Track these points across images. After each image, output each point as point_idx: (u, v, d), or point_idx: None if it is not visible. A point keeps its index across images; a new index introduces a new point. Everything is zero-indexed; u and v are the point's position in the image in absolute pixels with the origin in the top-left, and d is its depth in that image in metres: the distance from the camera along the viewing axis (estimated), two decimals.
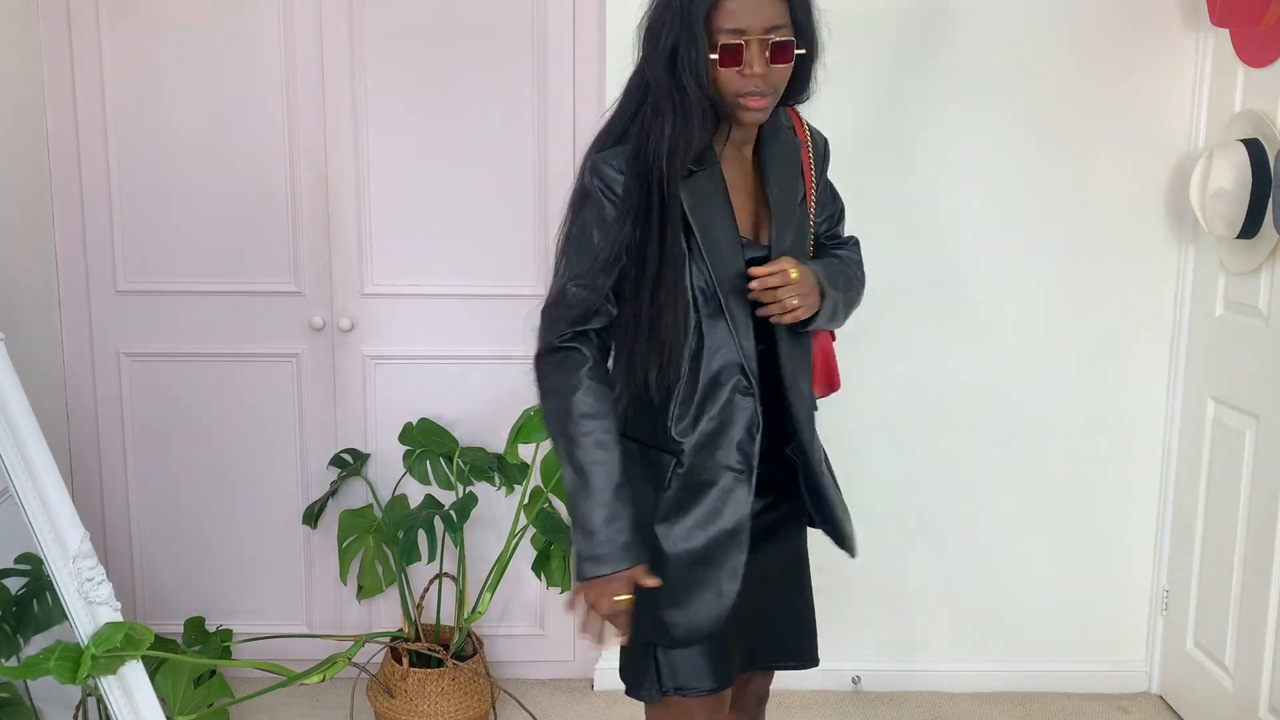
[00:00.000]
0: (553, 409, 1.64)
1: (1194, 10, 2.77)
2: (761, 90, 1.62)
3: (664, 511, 1.68)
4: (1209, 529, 2.78)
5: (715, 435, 1.68)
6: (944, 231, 2.88)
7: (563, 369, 1.63)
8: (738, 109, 1.63)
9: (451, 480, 2.80)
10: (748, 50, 1.59)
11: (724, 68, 1.60)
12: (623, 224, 1.62)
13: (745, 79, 1.60)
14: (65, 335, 2.95)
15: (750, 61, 1.59)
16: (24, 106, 2.78)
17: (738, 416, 1.68)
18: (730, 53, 1.59)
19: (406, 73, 2.85)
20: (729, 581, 1.69)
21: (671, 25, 1.60)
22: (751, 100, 1.62)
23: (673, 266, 1.62)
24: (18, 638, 2.28)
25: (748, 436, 1.68)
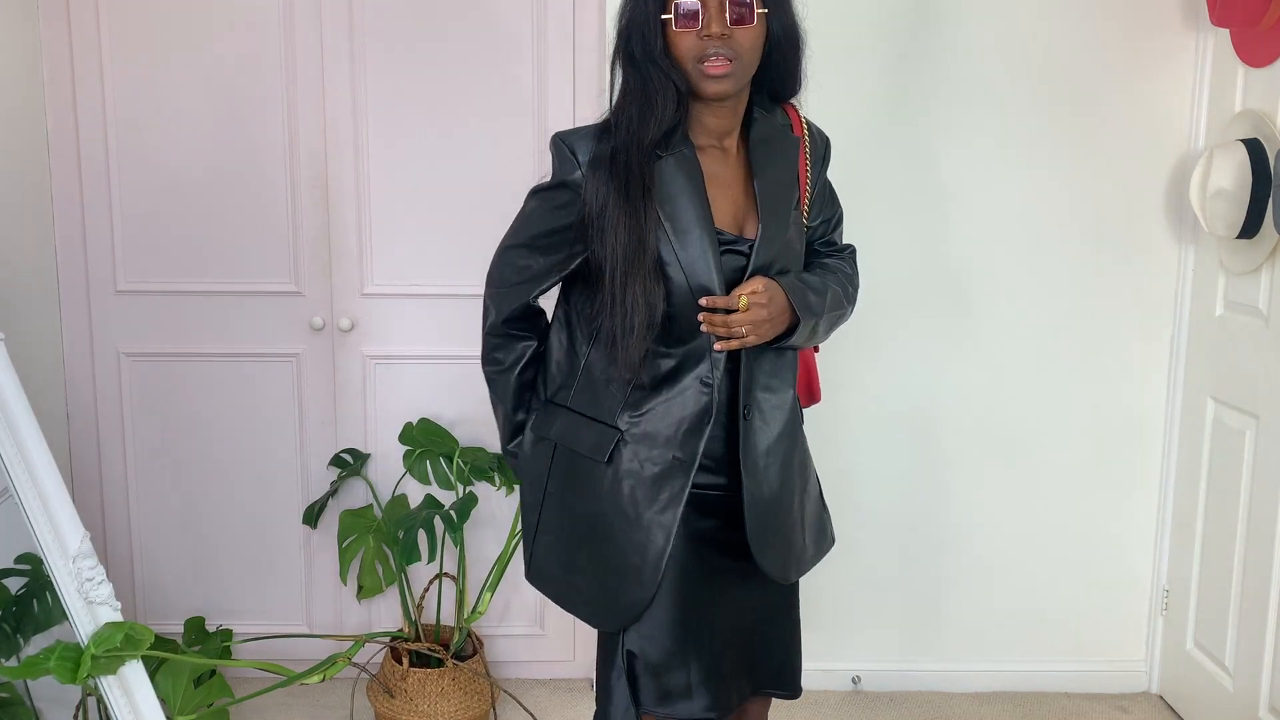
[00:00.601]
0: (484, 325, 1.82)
1: (1194, 10, 2.77)
2: (723, 53, 1.54)
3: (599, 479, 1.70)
4: (1209, 529, 2.78)
5: (663, 418, 1.67)
6: (944, 231, 2.88)
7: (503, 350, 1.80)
8: (699, 79, 1.57)
9: (451, 480, 2.80)
10: (705, 10, 1.53)
11: (679, 29, 1.53)
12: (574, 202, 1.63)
13: (703, 41, 1.54)
14: (65, 335, 2.95)
15: (708, 22, 1.53)
16: (24, 106, 2.77)
17: (691, 405, 1.66)
18: (685, 13, 1.52)
19: (407, 72, 2.85)
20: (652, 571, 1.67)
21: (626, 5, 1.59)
22: (712, 65, 1.55)
23: (638, 246, 1.59)
24: (18, 638, 2.28)
25: (696, 427, 1.66)
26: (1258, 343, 2.56)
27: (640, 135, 1.57)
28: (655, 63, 1.56)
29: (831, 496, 2.96)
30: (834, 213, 1.89)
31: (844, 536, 2.98)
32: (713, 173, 1.66)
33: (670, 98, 1.57)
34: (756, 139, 1.71)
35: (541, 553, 1.80)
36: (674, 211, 1.61)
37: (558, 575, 1.78)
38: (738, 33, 1.55)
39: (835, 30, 2.81)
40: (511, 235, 1.74)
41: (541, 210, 1.69)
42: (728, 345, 1.65)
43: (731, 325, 1.63)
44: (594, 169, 1.60)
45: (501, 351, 1.80)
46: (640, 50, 1.56)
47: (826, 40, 2.81)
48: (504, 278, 1.75)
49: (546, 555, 1.79)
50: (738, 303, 1.62)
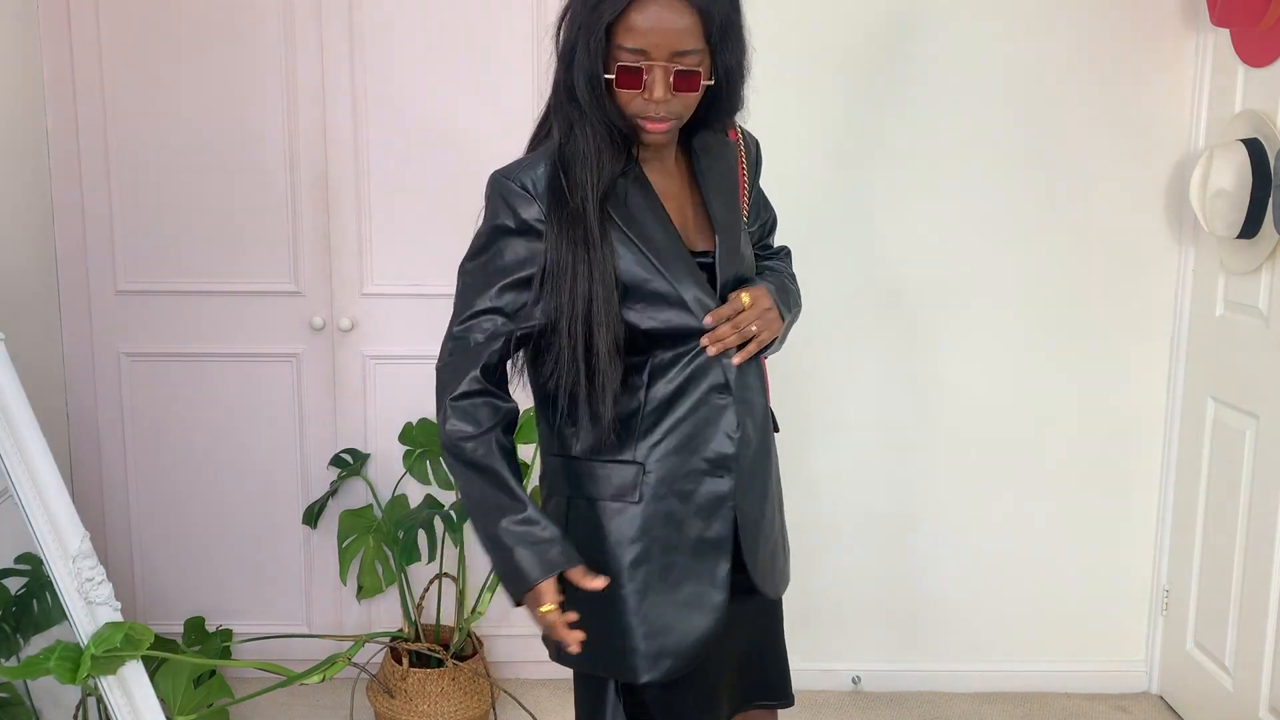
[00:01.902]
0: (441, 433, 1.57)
1: (1194, 10, 2.77)
2: (662, 116, 1.50)
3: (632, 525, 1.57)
4: (1209, 529, 2.78)
5: (692, 440, 1.58)
6: (944, 231, 2.88)
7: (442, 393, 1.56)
8: (638, 129, 1.52)
9: (451, 480, 2.79)
10: (649, 74, 1.46)
11: (621, 89, 1.49)
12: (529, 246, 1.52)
13: (645, 103, 1.49)
14: (65, 335, 2.95)
15: (651, 86, 1.47)
16: (24, 106, 2.78)
17: (714, 418, 1.59)
18: (629, 74, 1.47)
19: (406, 72, 2.85)
20: (717, 593, 1.59)
21: (572, 35, 1.51)
22: (650, 124, 1.51)
23: (604, 297, 1.50)
24: (18, 638, 2.28)
25: (726, 439, 1.59)
26: (1258, 343, 2.56)
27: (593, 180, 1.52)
28: (601, 109, 1.51)
29: (832, 498, 2.98)
30: (769, 216, 1.87)
31: (844, 537, 2.99)
32: (659, 186, 1.61)
33: (618, 142, 1.53)
34: (697, 148, 1.66)
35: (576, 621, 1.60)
36: (644, 232, 1.55)
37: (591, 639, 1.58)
38: (680, 97, 1.50)
39: (836, 29, 2.81)
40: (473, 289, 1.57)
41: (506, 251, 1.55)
42: (746, 353, 1.60)
43: (742, 326, 1.58)
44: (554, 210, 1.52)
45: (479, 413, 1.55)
46: (586, 95, 1.51)
47: (829, 39, 2.82)
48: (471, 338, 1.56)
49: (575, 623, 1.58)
50: (742, 303, 1.58)
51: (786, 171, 2.87)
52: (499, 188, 1.56)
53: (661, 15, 1.45)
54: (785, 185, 2.87)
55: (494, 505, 1.54)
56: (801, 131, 2.84)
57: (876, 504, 2.98)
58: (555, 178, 1.53)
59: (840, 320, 2.91)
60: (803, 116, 2.83)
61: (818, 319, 2.91)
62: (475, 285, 1.57)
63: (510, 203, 1.54)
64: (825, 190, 2.87)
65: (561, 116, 1.55)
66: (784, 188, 2.87)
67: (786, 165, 2.87)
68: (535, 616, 1.56)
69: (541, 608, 1.53)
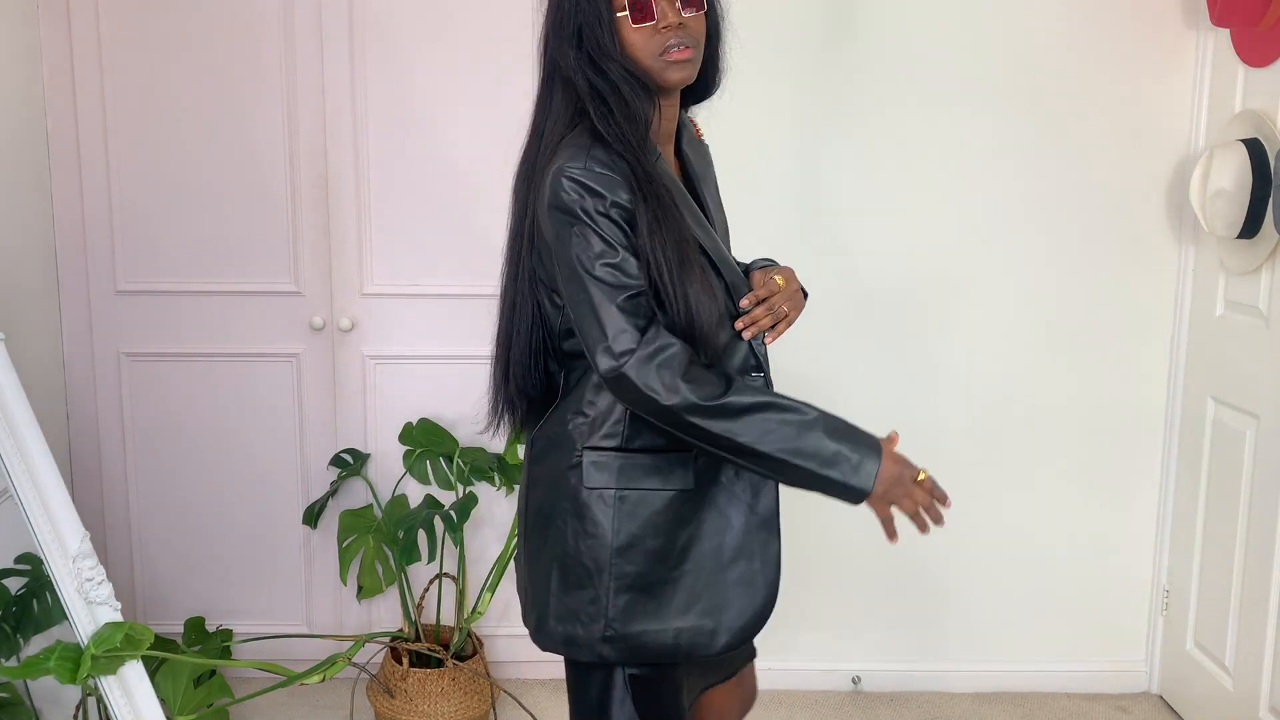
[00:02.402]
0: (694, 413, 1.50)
1: (1194, 10, 2.77)
2: (683, 41, 1.54)
3: (691, 511, 1.61)
4: (1209, 529, 2.78)
5: None
6: (944, 231, 2.88)
7: (664, 377, 1.50)
8: (666, 70, 1.55)
9: (451, 480, 2.80)
10: (658, 3, 1.53)
11: (636, 25, 1.53)
12: (630, 226, 1.52)
13: (661, 34, 1.54)
14: (65, 335, 2.95)
15: (663, 13, 1.53)
16: (24, 106, 2.78)
17: None
18: (639, 8, 1.53)
19: (406, 72, 2.85)
20: (771, 571, 1.64)
21: (570, 10, 1.56)
22: (674, 54, 1.54)
23: (687, 244, 1.54)
24: (18, 638, 2.28)
25: None
26: (1258, 343, 2.56)
27: (636, 137, 1.55)
28: (617, 61, 1.55)
29: (830, 497, 2.97)
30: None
31: (844, 537, 2.98)
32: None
33: (642, 94, 1.56)
34: (685, 145, 1.72)
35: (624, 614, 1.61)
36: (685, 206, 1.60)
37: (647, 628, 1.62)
38: (690, 20, 1.56)
39: (839, 29, 2.81)
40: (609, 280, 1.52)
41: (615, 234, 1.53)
42: (777, 333, 1.64)
43: (775, 307, 1.62)
44: (633, 178, 1.54)
45: (703, 374, 1.51)
46: (597, 50, 1.54)
47: (825, 40, 2.82)
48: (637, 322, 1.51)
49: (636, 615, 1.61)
50: (776, 284, 1.63)
51: (785, 168, 2.87)
52: (577, 179, 1.52)
53: None
54: (783, 185, 2.88)
55: (797, 424, 1.51)
56: (800, 130, 2.84)
57: None
58: (612, 151, 1.54)
59: (839, 320, 2.91)
60: (800, 115, 2.83)
61: (818, 317, 2.91)
62: (610, 276, 1.52)
63: (595, 188, 1.52)
64: (824, 190, 2.87)
65: (590, 92, 1.56)
66: (782, 188, 2.88)
67: (785, 163, 2.87)
68: (908, 496, 1.55)
69: (919, 475, 1.56)
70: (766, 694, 3.01)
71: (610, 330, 1.50)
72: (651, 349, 1.49)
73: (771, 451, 1.50)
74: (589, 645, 1.62)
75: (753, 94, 2.82)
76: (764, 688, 3.03)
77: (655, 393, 1.48)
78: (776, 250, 2.87)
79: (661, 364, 1.49)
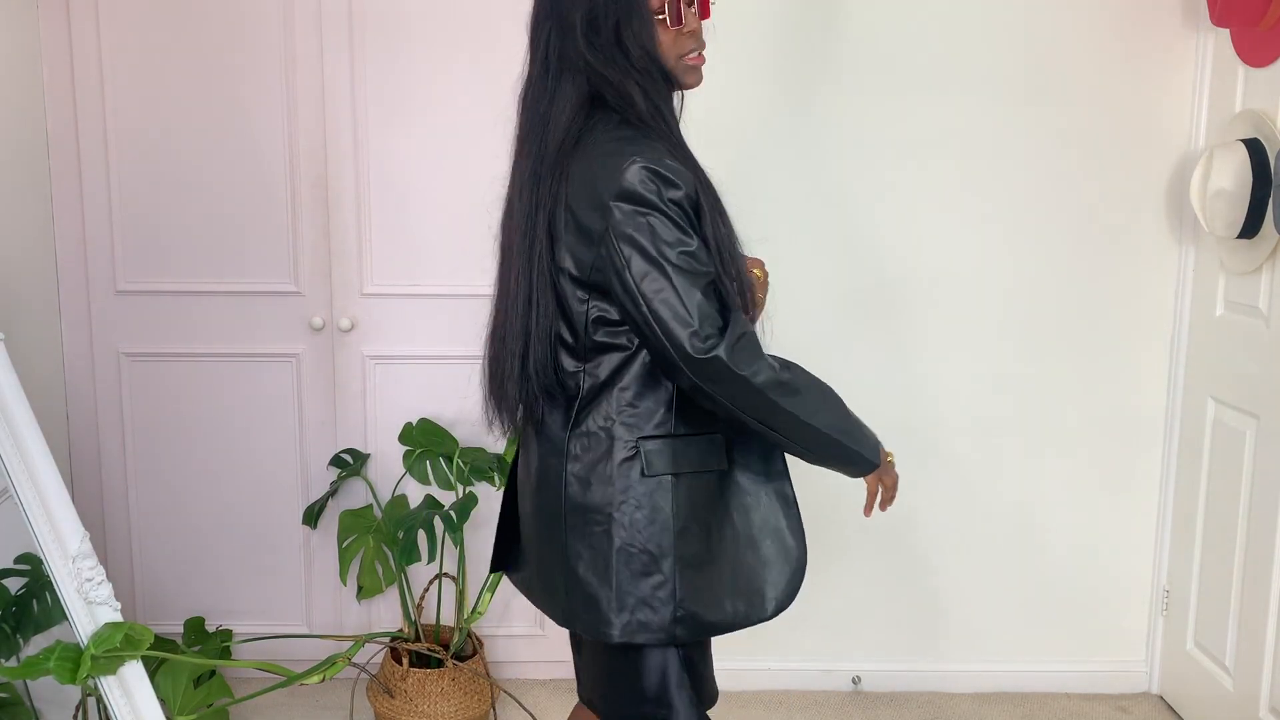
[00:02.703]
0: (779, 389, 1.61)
1: (1194, 10, 2.77)
2: (700, 46, 1.66)
3: (727, 489, 1.69)
4: (1209, 529, 2.78)
5: None
6: (943, 232, 2.88)
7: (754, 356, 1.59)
8: (685, 73, 1.66)
9: (451, 480, 2.80)
10: (685, 11, 1.62)
11: (672, 26, 1.62)
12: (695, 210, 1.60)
13: (685, 38, 1.63)
14: (65, 335, 2.95)
15: (689, 20, 1.63)
16: (24, 106, 2.78)
17: None
18: (674, 11, 1.61)
19: (407, 71, 2.85)
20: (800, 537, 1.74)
21: (607, 8, 1.60)
22: (693, 59, 1.66)
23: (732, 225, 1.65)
24: (18, 638, 2.28)
25: None
26: (1258, 343, 2.56)
27: (678, 129, 1.65)
28: (657, 59, 1.62)
29: (831, 497, 2.97)
30: None
31: (844, 538, 2.99)
32: None
33: (668, 91, 1.66)
34: None
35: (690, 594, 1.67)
36: None
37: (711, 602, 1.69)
38: (701, 26, 1.67)
39: (841, 27, 2.81)
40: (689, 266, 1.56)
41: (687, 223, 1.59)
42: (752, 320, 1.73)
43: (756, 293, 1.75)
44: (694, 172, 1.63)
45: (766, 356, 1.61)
46: (638, 48, 1.60)
47: (822, 39, 2.82)
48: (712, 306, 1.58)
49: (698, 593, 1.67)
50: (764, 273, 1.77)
51: (785, 166, 2.87)
52: (659, 171, 1.56)
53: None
54: (784, 184, 2.88)
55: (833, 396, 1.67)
56: (799, 132, 2.84)
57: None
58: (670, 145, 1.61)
59: (839, 320, 2.91)
60: (797, 114, 2.83)
61: (819, 317, 2.92)
62: (689, 264, 1.56)
63: (674, 179, 1.56)
64: (822, 190, 2.87)
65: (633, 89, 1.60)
66: (783, 187, 2.88)
67: (784, 163, 2.87)
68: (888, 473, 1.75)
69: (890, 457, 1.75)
70: (767, 694, 3.02)
71: (697, 316, 1.55)
72: (737, 332, 1.57)
73: (821, 426, 1.63)
74: (662, 629, 1.66)
75: (745, 87, 2.83)
76: (764, 688, 3.04)
77: (745, 372, 1.56)
78: (777, 251, 2.88)
79: (745, 345, 1.57)
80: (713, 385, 1.57)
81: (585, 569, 1.67)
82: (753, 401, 1.58)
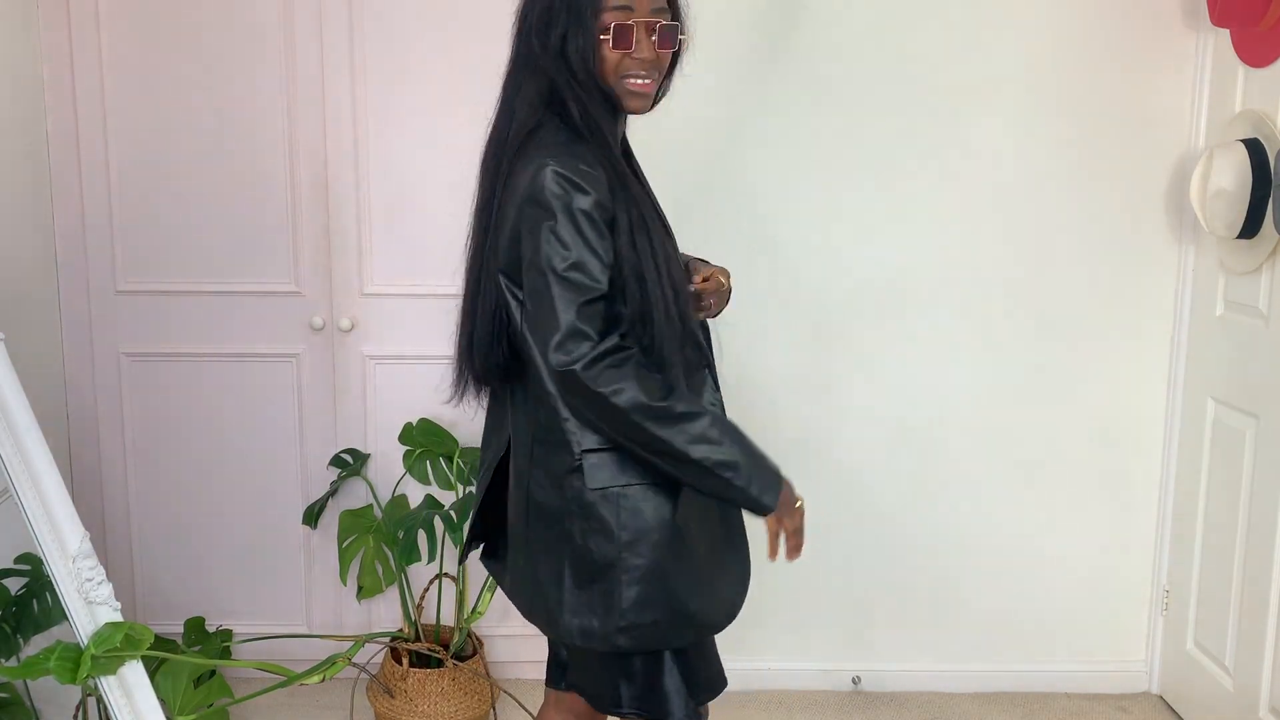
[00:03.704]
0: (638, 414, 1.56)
1: (1194, 10, 2.77)
2: (647, 74, 1.63)
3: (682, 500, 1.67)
4: (1209, 529, 2.78)
5: None
6: (942, 231, 2.88)
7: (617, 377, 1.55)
8: (624, 95, 1.64)
9: (451, 480, 2.80)
10: (636, 31, 1.60)
11: (614, 49, 1.60)
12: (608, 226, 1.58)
13: (631, 61, 1.61)
14: (65, 335, 2.95)
15: (639, 44, 1.60)
16: (24, 106, 2.77)
17: (702, 389, 1.74)
18: (621, 34, 1.59)
19: (407, 71, 2.85)
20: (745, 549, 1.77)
21: (558, 13, 1.61)
22: (636, 83, 1.63)
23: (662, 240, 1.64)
24: (18, 638, 2.27)
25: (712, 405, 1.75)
26: (1258, 343, 2.56)
27: (613, 145, 1.64)
28: (594, 76, 1.62)
29: (831, 497, 2.97)
30: None
31: (844, 538, 2.99)
32: None
33: (605, 107, 1.64)
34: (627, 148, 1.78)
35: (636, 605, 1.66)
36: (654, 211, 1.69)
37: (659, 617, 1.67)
38: (661, 56, 1.64)
39: (846, 23, 2.81)
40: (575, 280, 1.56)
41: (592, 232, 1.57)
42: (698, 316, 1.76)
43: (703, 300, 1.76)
44: (612, 182, 1.60)
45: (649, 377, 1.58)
46: (579, 63, 1.61)
47: (817, 38, 2.82)
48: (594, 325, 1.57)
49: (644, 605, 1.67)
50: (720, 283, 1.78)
51: (787, 168, 2.87)
52: (565, 174, 1.56)
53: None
54: (785, 185, 2.88)
55: (722, 431, 1.60)
56: (798, 135, 2.84)
57: (876, 505, 2.97)
58: (593, 151, 1.60)
59: (840, 321, 2.91)
60: (794, 123, 2.83)
61: (822, 319, 2.91)
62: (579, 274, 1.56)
63: (582, 184, 1.56)
64: (821, 191, 2.87)
65: (572, 96, 1.62)
66: (783, 188, 2.88)
67: (786, 165, 2.87)
68: (790, 517, 1.66)
69: (798, 502, 1.67)
70: (767, 694, 3.02)
71: (564, 328, 1.55)
72: (602, 349, 1.55)
73: (699, 457, 1.57)
74: (605, 637, 1.67)
75: (734, 89, 2.83)
76: (764, 688, 3.04)
77: (604, 390, 1.54)
78: (779, 250, 2.88)
79: (611, 364, 1.55)
80: (573, 399, 1.59)
81: (544, 568, 1.71)
82: (615, 421, 1.56)
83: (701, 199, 2.83)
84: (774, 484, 1.62)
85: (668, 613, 1.67)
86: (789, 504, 1.65)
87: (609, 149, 1.61)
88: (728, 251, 2.37)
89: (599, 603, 1.66)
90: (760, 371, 2.90)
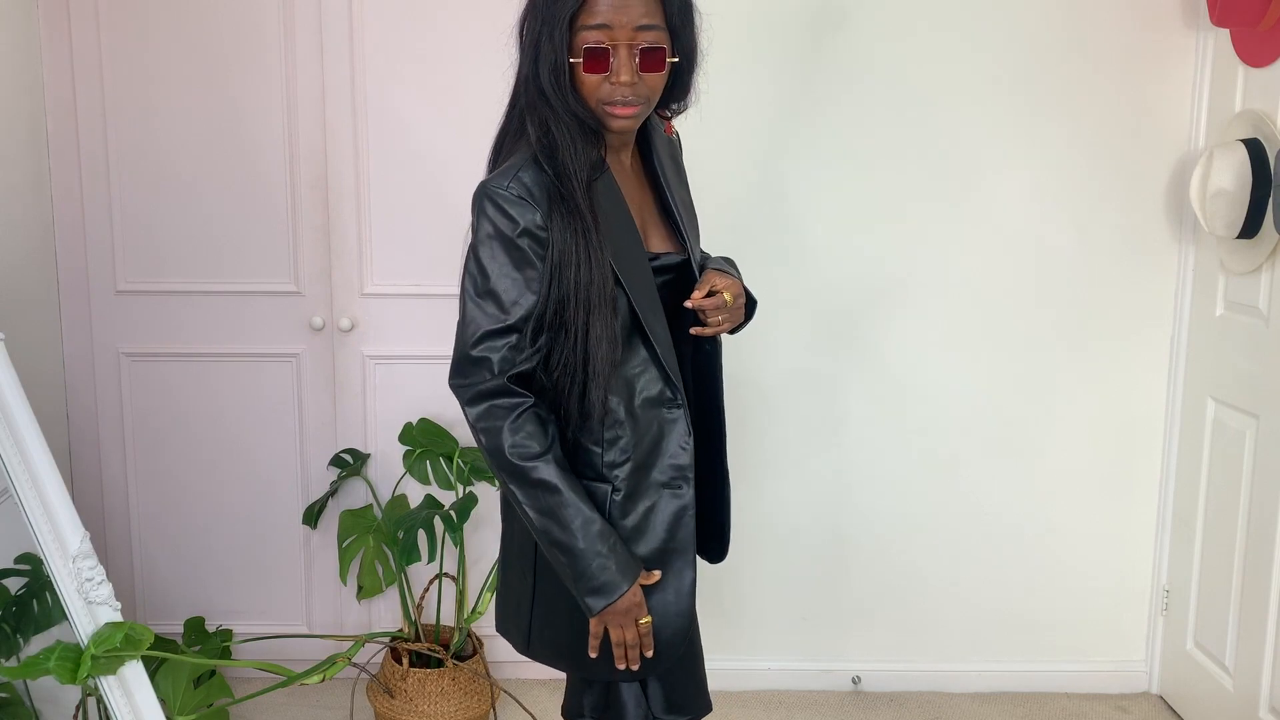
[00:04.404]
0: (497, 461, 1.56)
1: (1194, 10, 2.77)
2: (630, 99, 1.50)
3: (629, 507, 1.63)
4: (1209, 529, 2.78)
5: (649, 455, 1.62)
6: (942, 231, 2.88)
7: (493, 418, 1.53)
8: (605, 117, 1.52)
9: (451, 480, 2.80)
10: (615, 56, 1.47)
11: (588, 74, 1.48)
12: (536, 255, 1.51)
13: (612, 87, 1.49)
14: (65, 335, 2.95)
15: (618, 69, 1.48)
16: (24, 107, 2.78)
17: (667, 431, 1.62)
18: (595, 57, 1.47)
19: (407, 71, 2.85)
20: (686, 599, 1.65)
21: (536, 29, 1.50)
22: (618, 109, 1.51)
23: (601, 280, 1.51)
24: (18, 638, 2.28)
25: (680, 450, 1.62)
26: (1258, 343, 2.56)
27: (576, 169, 1.52)
28: (566, 101, 1.51)
29: (831, 497, 2.98)
30: None
31: (844, 537, 2.99)
32: (624, 190, 1.62)
33: (579, 132, 1.53)
34: (652, 149, 1.68)
35: (540, 622, 1.69)
36: (617, 240, 1.55)
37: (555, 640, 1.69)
38: (647, 79, 1.51)
39: (849, 23, 2.81)
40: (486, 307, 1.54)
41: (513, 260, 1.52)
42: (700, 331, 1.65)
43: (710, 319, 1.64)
44: (553, 207, 1.51)
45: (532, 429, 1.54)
46: (552, 87, 1.50)
47: (816, 41, 2.82)
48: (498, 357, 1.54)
49: (545, 625, 1.68)
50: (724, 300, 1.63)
51: (782, 167, 2.87)
52: (494, 198, 1.52)
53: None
54: (780, 184, 2.88)
55: (571, 516, 1.54)
56: (796, 133, 2.84)
57: (876, 504, 2.98)
58: (544, 175, 1.52)
59: (841, 321, 2.91)
60: (792, 119, 2.83)
61: (819, 318, 2.92)
62: (490, 302, 1.53)
63: (509, 210, 1.51)
64: (821, 191, 2.87)
65: (535, 114, 1.54)
66: (779, 187, 2.88)
67: (783, 163, 2.87)
68: (621, 628, 1.58)
69: (643, 619, 1.59)
70: (767, 694, 3.02)
71: (463, 356, 1.55)
72: (491, 387, 1.53)
73: (540, 529, 1.55)
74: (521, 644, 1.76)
75: (735, 91, 2.83)
76: (764, 688, 3.04)
77: (477, 427, 1.54)
78: (779, 250, 2.88)
79: (495, 405, 1.52)
80: (462, 408, 1.57)
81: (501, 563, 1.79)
82: (482, 451, 1.57)
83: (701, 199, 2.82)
84: (604, 590, 1.54)
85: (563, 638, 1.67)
86: (623, 614, 1.57)
87: (567, 176, 1.50)
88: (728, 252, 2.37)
89: (516, 609, 1.74)
90: (761, 371, 2.91)
